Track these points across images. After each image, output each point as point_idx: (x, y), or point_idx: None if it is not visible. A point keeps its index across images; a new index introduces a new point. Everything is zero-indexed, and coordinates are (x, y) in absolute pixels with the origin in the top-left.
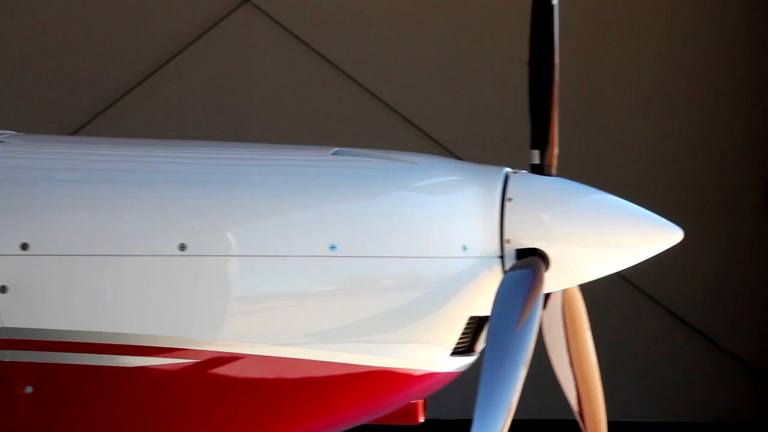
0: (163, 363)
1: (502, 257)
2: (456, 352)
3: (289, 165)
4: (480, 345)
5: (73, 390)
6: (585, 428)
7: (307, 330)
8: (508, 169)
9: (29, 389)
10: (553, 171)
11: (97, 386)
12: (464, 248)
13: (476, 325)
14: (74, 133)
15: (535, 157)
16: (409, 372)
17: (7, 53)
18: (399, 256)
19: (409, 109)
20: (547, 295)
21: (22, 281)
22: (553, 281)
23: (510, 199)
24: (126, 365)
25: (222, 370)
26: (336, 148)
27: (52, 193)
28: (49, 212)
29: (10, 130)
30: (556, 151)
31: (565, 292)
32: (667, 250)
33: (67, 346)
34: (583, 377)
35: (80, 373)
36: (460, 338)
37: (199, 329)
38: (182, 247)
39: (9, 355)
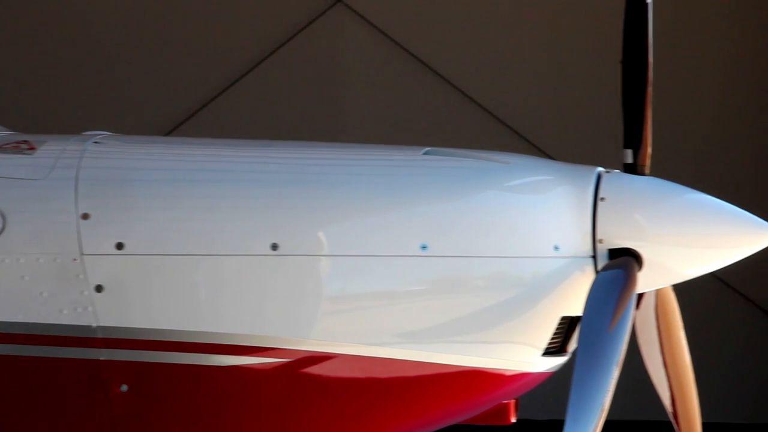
0: (255, 362)
1: (594, 257)
2: (548, 352)
3: (381, 165)
4: (572, 345)
5: (166, 388)
6: (679, 429)
7: (399, 330)
8: (600, 169)
9: (124, 387)
10: (647, 170)
11: (190, 385)
12: (556, 248)
13: (568, 325)
14: (168, 133)
15: (628, 156)
16: (500, 372)
17: (103, 54)
18: (490, 255)
19: (502, 109)
20: (640, 296)
21: (117, 280)
22: (646, 281)
23: (603, 199)
24: (219, 364)
25: (314, 369)
26: (427, 148)
27: (146, 193)
28: (144, 212)
29: (106, 131)
30: (649, 150)
31: (658, 293)
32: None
33: (161, 345)
34: (677, 378)
35: (174, 372)
36: (552, 338)
37: (291, 329)
38: (274, 246)
39: (105, 354)
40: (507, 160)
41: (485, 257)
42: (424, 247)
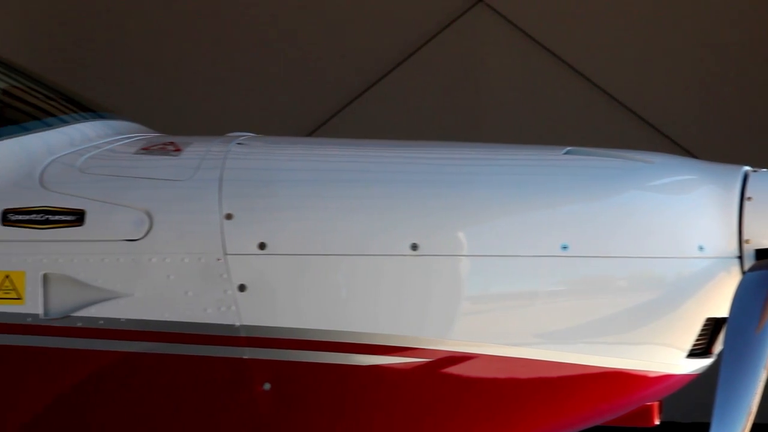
0: (395, 362)
1: (740, 257)
2: (692, 354)
3: (521, 165)
4: (717, 347)
5: (308, 387)
6: None
7: (539, 330)
8: (747, 168)
9: (267, 386)
10: None
11: (331, 384)
12: (701, 248)
13: (713, 326)
14: (310, 134)
15: None
16: (644, 374)
17: (245, 56)
18: (633, 256)
19: (644, 107)
20: None
21: (260, 280)
22: None
23: (749, 198)
24: (359, 364)
25: (454, 369)
26: (568, 148)
27: (289, 194)
28: (286, 212)
29: (249, 132)
30: None
31: None
32: None
33: (302, 344)
34: None
35: (315, 371)
36: (697, 340)
37: (430, 329)
38: (414, 246)
39: (248, 353)
40: (650, 159)
41: (628, 257)
42: (565, 248)
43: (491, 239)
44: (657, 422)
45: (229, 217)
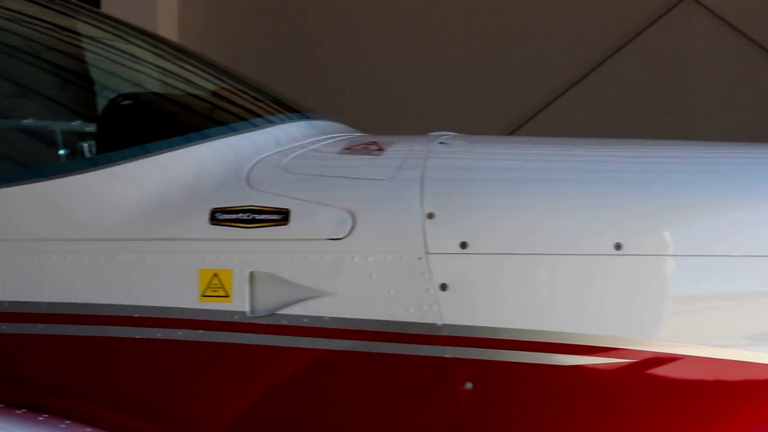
0: (599, 362)
1: None
2: None
3: (729, 162)
4: None
5: (510, 387)
6: None
7: (749, 331)
8: None
9: (469, 385)
10: None
11: (533, 384)
12: None
13: None
14: (512, 132)
15: None
16: None
17: (448, 57)
18: None
19: None
20: None
21: (461, 279)
22: None
23: None
24: (562, 364)
25: (659, 370)
26: None
27: (489, 193)
28: (487, 211)
29: (451, 131)
30: None
31: None
32: None
33: (503, 344)
34: None
35: (517, 370)
36: None
37: (634, 329)
38: (618, 246)
39: (450, 352)
40: None
41: None
42: None
43: (698, 238)
44: None
45: (430, 216)
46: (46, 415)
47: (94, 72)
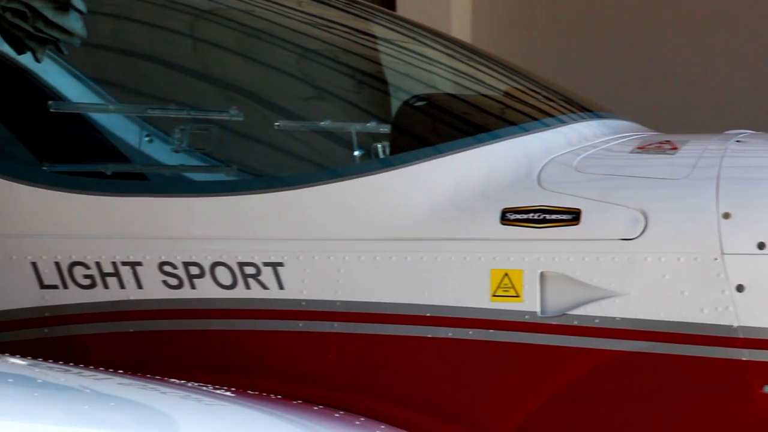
0: None
1: None
2: None
3: None
4: None
5: None
6: None
7: None
8: None
9: (767, 389)
10: None
11: None
12: None
13: None
14: None
15: None
16: None
17: (739, 55)
18: None
19: None
20: None
21: (759, 280)
22: None
23: None
24: None
25: None
26: None
27: None
28: None
29: (748, 129)
30: None
31: None
32: None
33: None
34: None
35: None
36: None
37: None
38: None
39: (746, 354)
40: None
41: None
42: None
43: None
44: None
45: (726, 216)
46: (342, 412)
47: (388, 74)
